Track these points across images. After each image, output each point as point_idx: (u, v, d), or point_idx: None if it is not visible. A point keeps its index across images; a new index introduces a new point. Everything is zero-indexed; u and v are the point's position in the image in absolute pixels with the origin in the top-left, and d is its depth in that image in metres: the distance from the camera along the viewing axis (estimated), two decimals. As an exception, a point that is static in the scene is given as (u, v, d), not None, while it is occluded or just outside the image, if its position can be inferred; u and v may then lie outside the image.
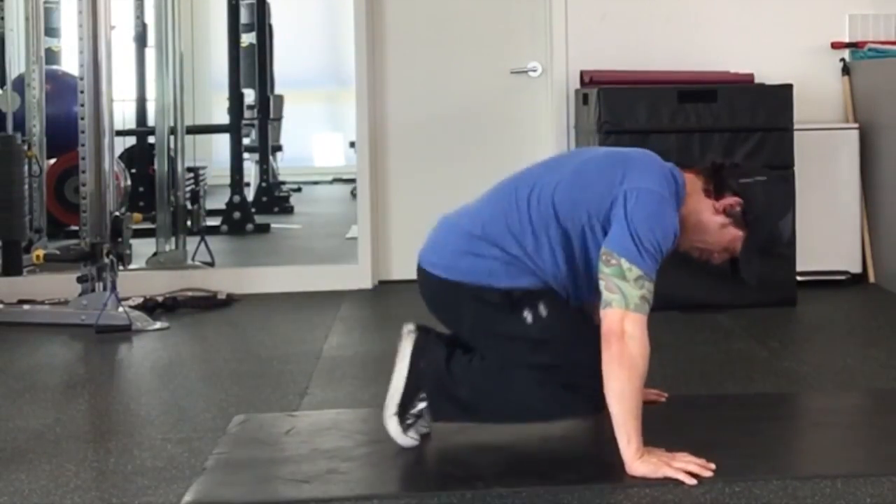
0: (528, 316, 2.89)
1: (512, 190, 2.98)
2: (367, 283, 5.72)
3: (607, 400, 2.76)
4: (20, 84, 6.65)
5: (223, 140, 8.71)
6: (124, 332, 4.65)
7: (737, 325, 4.54)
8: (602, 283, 2.77)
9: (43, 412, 3.50)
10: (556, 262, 2.90)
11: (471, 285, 2.91)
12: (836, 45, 5.76)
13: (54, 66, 7.89)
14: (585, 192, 2.88)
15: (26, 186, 5.58)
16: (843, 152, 5.50)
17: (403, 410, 2.97)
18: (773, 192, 2.99)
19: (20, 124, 6.37)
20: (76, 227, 5.42)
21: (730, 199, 2.94)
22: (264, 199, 9.33)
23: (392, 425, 2.98)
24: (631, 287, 2.73)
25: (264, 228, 8.26)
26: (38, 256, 5.00)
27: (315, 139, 11.98)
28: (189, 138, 7.23)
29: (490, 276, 2.90)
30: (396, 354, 3.02)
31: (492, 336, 2.95)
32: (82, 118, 4.93)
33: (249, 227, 8.15)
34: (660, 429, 2.90)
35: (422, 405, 2.97)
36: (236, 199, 8.19)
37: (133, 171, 7.64)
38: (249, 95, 8.86)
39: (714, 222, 2.95)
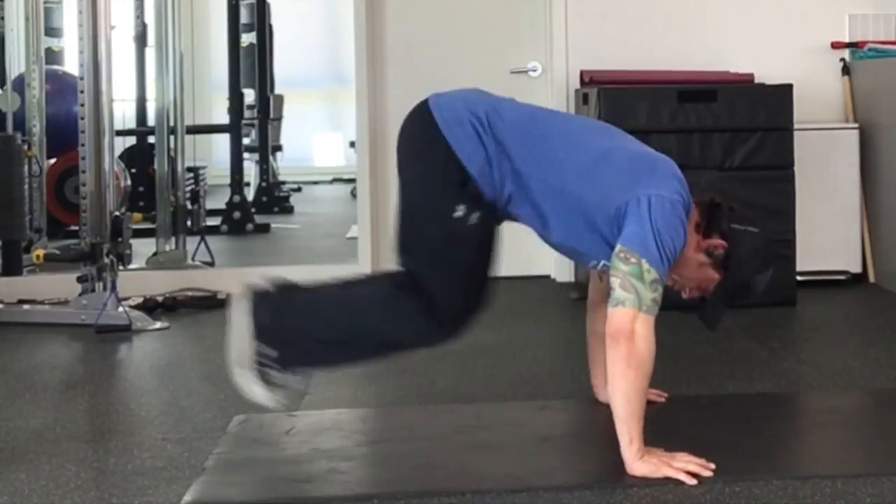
0: (459, 210, 2.86)
1: (539, 130, 2.94)
2: (367, 283, 5.71)
3: (612, 398, 2.76)
4: (20, 84, 6.65)
5: (223, 140, 8.72)
6: (124, 332, 4.65)
7: (737, 325, 4.54)
8: (616, 281, 2.75)
9: (43, 412, 3.50)
10: (536, 197, 2.88)
11: (447, 149, 2.87)
12: (836, 45, 5.76)
13: (54, 66, 7.89)
14: (605, 180, 2.86)
15: (26, 186, 5.58)
16: (843, 152, 5.50)
17: (258, 363, 2.92)
18: (759, 247, 2.95)
19: (20, 124, 6.37)
20: (76, 227, 5.42)
21: (715, 241, 2.91)
22: (264, 199, 9.33)
23: (242, 377, 2.93)
24: (646, 289, 2.72)
25: (264, 228, 8.27)
26: (38, 256, 5.00)
27: (315, 139, 11.98)
28: (189, 138, 7.23)
29: (469, 158, 2.86)
30: (231, 315, 2.96)
31: (417, 201, 2.92)
32: (82, 118, 4.92)
33: (249, 227, 8.16)
34: (660, 429, 2.90)
35: (270, 352, 2.92)
36: (236, 199, 8.19)
37: (133, 171, 7.65)
38: (249, 95, 8.86)
39: (694, 258, 2.92)
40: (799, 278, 5.14)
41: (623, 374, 2.72)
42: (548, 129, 2.95)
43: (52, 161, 7.16)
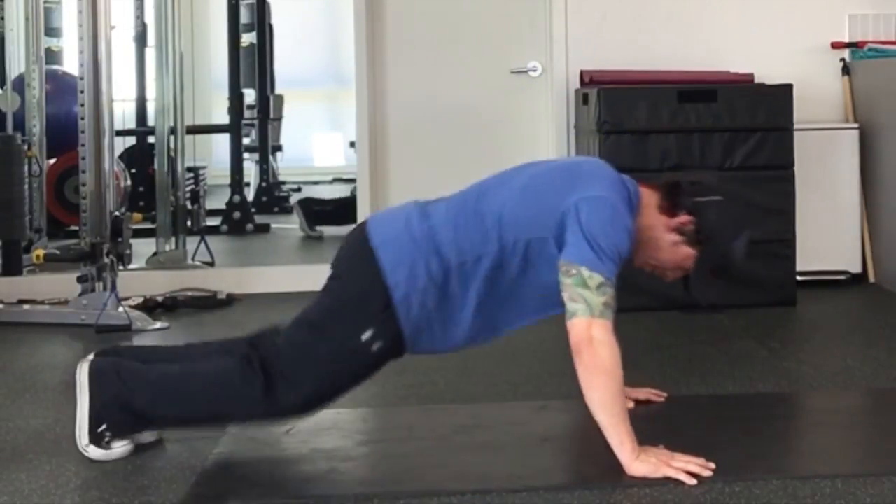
0: (366, 334, 2.85)
1: (469, 199, 2.94)
2: (367, 283, 5.71)
3: (591, 409, 2.76)
4: (20, 84, 6.65)
5: (223, 140, 8.71)
6: (124, 332, 4.65)
7: (737, 325, 4.54)
8: (565, 295, 2.75)
9: (43, 412, 3.50)
10: (480, 285, 2.86)
11: (376, 272, 2.85)
12: (836, 45, 5.76)
13: (54, 66, 7.89)
14: (534, 209, 2.86)
15: (26, 186, 5.58)
16: (843, 152, 5.51)
17: (97, 436, 2.92)
18: (727, 213, 2.97)
19: (20, 124, 6.37)
20: (76, 227, 5.42)
21: (682, 218, 2.93)
22: (264, 199, 9.33)
23: (92, 452, 2.93)
24: (594, 294, 2.72)
25: (264, 228, 8.26)
26: (38, 256, 5.00)
27: (315, 139, 11.98)
28: (189, 138, 7.23)
29: (396, 284, 2.84)
30: (76, 385, 2.97)
31: (329, 311, 2.91)
32: (82, 118, 4.93)
33: (249, 227, 8.15)
34: (660, 429, 2.91)
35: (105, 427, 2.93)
36: (236, 199, 8.18)
37: (133, 171, 7.65)
38: (249, 95, 8.86)
39: (666, 240, 2.94)
40: (799, 278, 5.14)
41: (592, 385, 2.73)
42: (476, 205, 2.92)
43: (52, 161, 7.16)
